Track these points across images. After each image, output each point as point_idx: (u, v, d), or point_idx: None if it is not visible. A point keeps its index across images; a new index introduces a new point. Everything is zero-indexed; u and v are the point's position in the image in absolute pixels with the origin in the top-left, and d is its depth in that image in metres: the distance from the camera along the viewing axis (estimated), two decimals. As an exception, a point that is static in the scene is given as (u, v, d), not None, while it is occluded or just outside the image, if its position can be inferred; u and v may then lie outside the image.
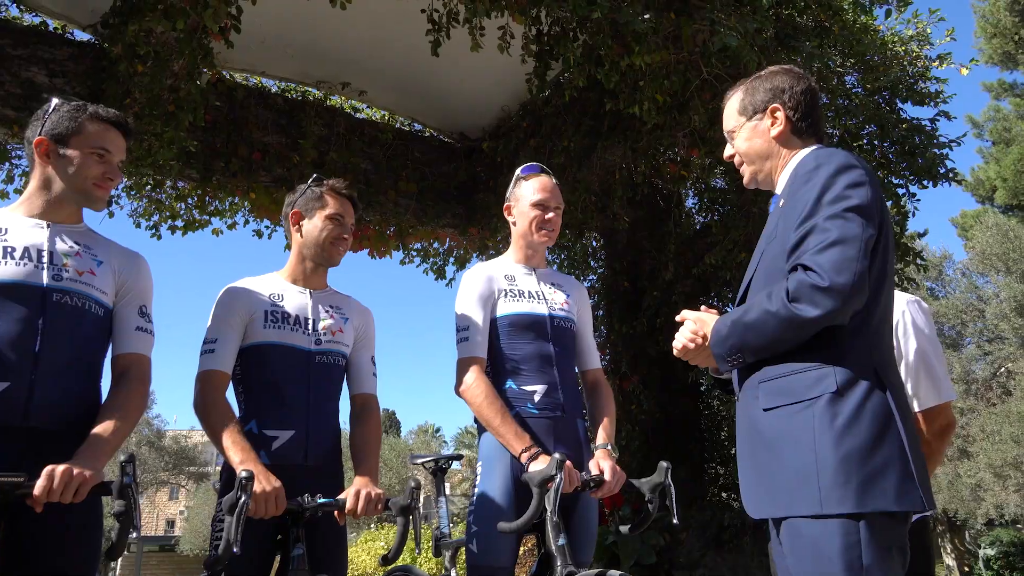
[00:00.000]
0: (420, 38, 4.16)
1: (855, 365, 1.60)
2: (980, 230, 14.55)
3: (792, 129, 1.86)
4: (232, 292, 2.32)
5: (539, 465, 2.15)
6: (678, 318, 1.85)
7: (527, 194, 2.55)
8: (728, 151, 1.98)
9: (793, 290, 1.59)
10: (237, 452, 2.03)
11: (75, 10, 4.96)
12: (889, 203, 5.44)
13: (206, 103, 4.61)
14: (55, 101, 1.99)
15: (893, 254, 1.74)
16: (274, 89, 6.01)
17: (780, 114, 1.86)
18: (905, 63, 5.44)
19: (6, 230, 1.89)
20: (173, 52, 4.03)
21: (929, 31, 5.48)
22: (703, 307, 1.86)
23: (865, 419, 1.56)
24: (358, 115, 6.33)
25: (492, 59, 4.23)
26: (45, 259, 1.89)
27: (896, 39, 5.38)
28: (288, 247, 2.51)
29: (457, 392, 2.42)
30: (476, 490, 2.31)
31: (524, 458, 2.22)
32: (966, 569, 20.21)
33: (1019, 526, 18.58)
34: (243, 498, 1.70)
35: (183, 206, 6.00)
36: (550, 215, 2.53)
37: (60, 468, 1.62)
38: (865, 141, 5.50)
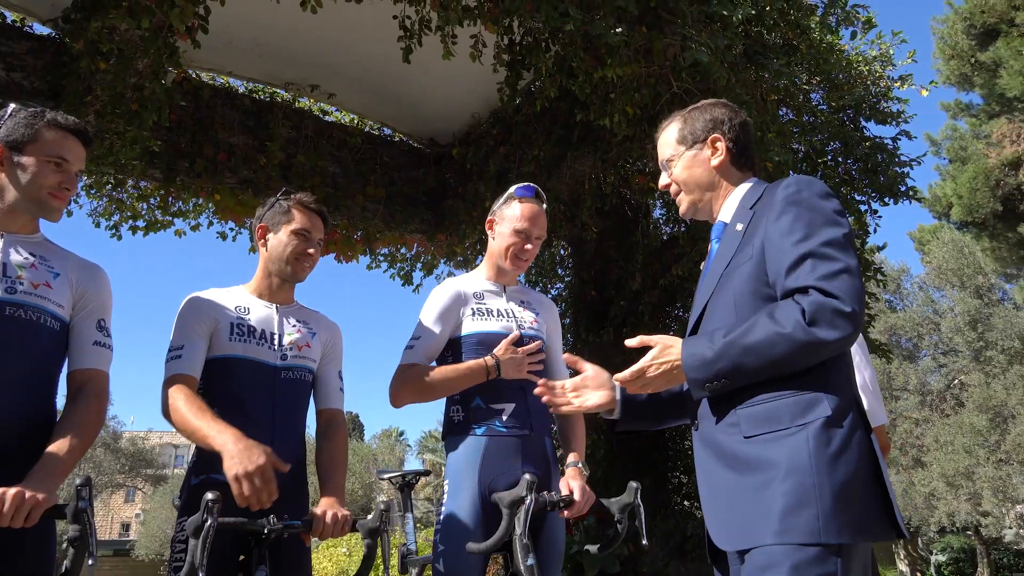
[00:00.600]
0: (390, 43, 4.12)
1: (842, 394, 1.58)
2: (937, 245, 14.95)
3: (731, 160, 1.86)
4: (197, 300, 2.25)
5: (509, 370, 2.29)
6: (631, 343, 1.77)
7: (512, 218, 2.51)
8: (664, 180, 1.95)
9: (812, 312, 1.55)
10: (214, 429, 1.95)
11: (34, 3, 4.82)
12: (851, 218, 5.55)
13: (171, 102, 4.51)
14: (12, 107, 1.91)
15: None
16: (241, 90, 5.91)
17: (721, 144, 1.86)
18: (868, 83, 5.57)
19: None
20: (137, 50, 3.93)
21: (892, 52, 5.62)
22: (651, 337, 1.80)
23: (854, 448, 1.53)
24: (327, 118, 6.26)
25: (463, 66, 4.21)
26: None
27: (860, 59, 5.50)
28: (253, 250, 2.45)
29: (394, 399, 2.39)
30: (443, 508, 2.29)
31: (491, 362, 2.33)
32: (919, 574, 20.69)
33: (969, 533, 19.09)
34: (209, 521, 1.64)
35: (145, 206, 5.86)
36: (528, 246, 2.51)
37: (11, 491, 1.55)
38: (829, 158, 5.61)
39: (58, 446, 1.74)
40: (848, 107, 5.56)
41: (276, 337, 2.27)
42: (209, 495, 1.69)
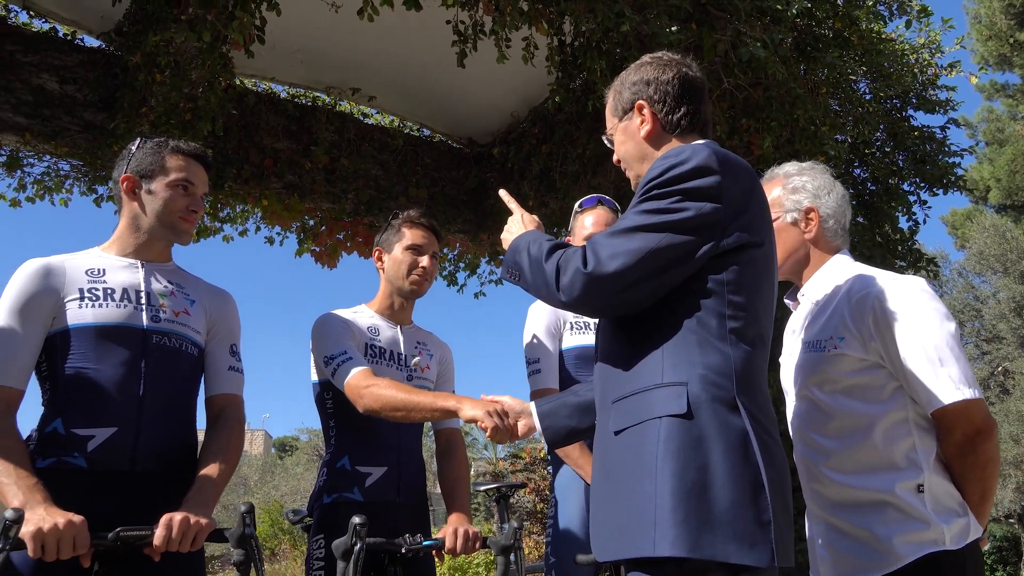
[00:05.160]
0: (428, 44, 4.12)
1: (713, 388, 1.41)
2: (977, 231, 14.71)
3: (662, 126, 1.67)
4: (340, 318, 2.30)
5: None
6: (502, 193, 1.95)
7: (581, 228, 2.57)
8: (615, 156, 1.82)
9: (562, 260, 1.51)
10: (440, 395, 2.03)
11: (84, 16, 4.91)
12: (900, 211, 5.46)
13: (223, 112, 4.57)
14: (138, 140, 1.99)
15: (773, 273, 1.61)
16: (283, 95, 5.96)
17: (646, 111, 1.68)
18: (916, 71, 5.47)
19: (103, 271, 1.88)
20: (193, 61, 3.99)
21: (940, 39, 5.52)
22: None
23: (717, 449, 1.35)
24: (367, 121, 6.30)
25: (499, 65, 4.20)
26: (143, 300, 1.89)
27: (908, 47, 5.41)
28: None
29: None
30: (552, 522, 2.32)
31: None
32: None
33: (1011, 521, 18.81)
34: (359, 545, 1.68)
35: (194, 213, 5.94)
36: None
37: (178, 517, 1.61)
38: (876, 148, 5.53)
39: (209, 471, 1.81)
40: (895, 97, 5.47)
41: (403, 358, 2.33)
42: (356, 519, 1.74)
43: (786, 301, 2.10)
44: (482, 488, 2.52)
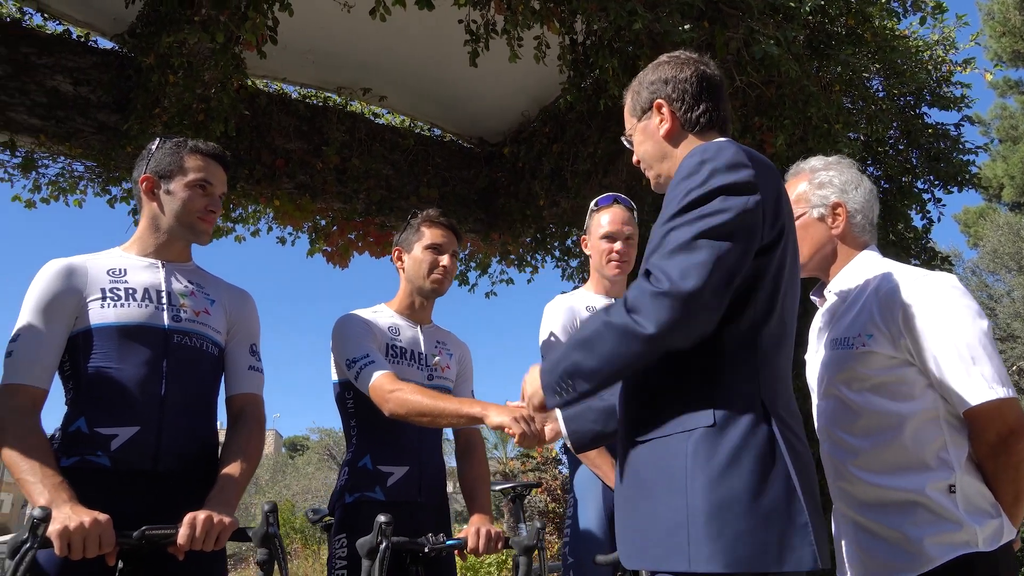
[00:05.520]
0: (438, 44, 4.12)
1: (738, 395, 1.40)
2: (990, 229, 14.60)
3: (681, 124, 1.65)
4: (360, 319, 2.31)
5: None
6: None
7: (597, 227, 2.58)
8: (635, 157, 1.78)
9: (632, 299, 1.38)
10: (465, 401, 2.03)
11: (98, 18, 4.94)
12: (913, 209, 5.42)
13: (235, 112, 4.59)
14: (157, 141, 2.00)
15: (795, 270, 1.57)
16: (295, 95, 5.98)
17: (665, 109, 1.66)
18: (930, 68, 5.43)
19: (125, 271, 1.89)
20: (206, 62, 4.01)
21: (954, 35, 5.47)
22: None
23: (746, 459, 1.34)
24: (378, 121, 6.31)
25: (509, 64, 4.20)
26: (164, 300, 1.90)
27: (922, 44, 5.37)
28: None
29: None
30: (571, 522, 2.32)
31: None
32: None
33: (1025, 522, 18.67)
34: (384, 543, 1.68)
35: (206, 214, 5.97)
36: (618, 246, 2.55)
37: (202, 516, 1.61)
38: (889, 146, 5.49)
39: (231, 470, 1.81)
40: (908, 94, 5.43)
41: (424, 357, 2.33)
42: (382, 518, 1.75)
43: (812, 297, 2.06)
44: (497, 488, 2.52)
